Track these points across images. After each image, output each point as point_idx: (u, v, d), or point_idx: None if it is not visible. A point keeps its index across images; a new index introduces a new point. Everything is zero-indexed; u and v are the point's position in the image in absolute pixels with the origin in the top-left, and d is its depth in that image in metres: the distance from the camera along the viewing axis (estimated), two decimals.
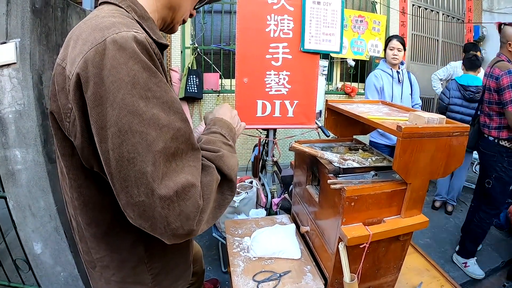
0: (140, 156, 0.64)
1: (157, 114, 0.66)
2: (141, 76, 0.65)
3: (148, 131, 0.64)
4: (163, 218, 0.65)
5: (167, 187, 0.64)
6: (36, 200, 1.84)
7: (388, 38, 3.10)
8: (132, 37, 0.66)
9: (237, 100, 2.40)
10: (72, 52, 0.68)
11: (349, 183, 1.20)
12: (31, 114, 1.74)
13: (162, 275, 0.95)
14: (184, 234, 0.69)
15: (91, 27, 0.69)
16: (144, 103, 0.64)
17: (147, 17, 0.81)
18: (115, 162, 0.64)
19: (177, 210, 0.66)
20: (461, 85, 3.48)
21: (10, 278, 2.19)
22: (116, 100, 0.63)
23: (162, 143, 0.65)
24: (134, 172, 0.64)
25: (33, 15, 1.71)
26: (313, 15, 2.29)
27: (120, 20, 0.71)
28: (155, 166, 0.64)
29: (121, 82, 0.63)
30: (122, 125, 0.63)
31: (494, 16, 6.21)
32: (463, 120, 3.49)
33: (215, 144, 0.86)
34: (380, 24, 5.35)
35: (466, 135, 1.18)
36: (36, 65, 1.75)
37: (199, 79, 4.32)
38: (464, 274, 2.77)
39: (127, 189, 0.65)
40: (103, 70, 0.63)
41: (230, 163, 0.83)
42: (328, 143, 1.70)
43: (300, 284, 1.38)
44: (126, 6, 0.78)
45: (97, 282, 0.96)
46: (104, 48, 0.64)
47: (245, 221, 1.90)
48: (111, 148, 0.64)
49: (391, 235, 1.24)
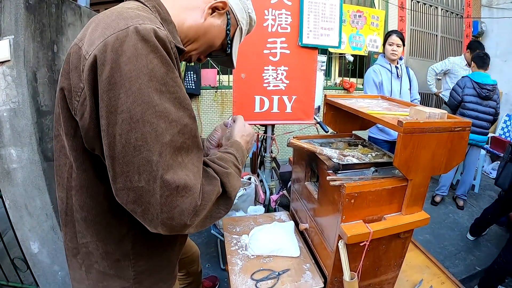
0: (147, 145, 0.66)
1: (169, 108, 0.68)
2: (159, 70, 0.67)
3: (158, 123, 0.66)
4: (159, 206, 0.67)
5: (171, 179, 0.66)
6: (32, 199, 1.82)
7: (388, 33, 3.07)
8: (153, 31, 0.68)
9: (234, 96, 2.39)
10: (92, 34, 0.70)
11: (348, 180, 1.18)
12: (26, 112, 1.71)
13: (144, 275, 0.94)
14: (173, 226, 0.70)
15: (116, 14, 0.71)
16: (158, 95, 0.67)
17: (169, 21, 0.84)
18: (121, 147, 0.66)
19: (174, 203, 0.67)
20: (477, 83, 3.45)
21: (8, 277, 2.19)
22: (132, 88, 0.65)
23: (169, 136, 0.68)
24: (139, 159, 0.66)
25: (27, 12, 1.68)
26: (312, 9, 2.26)
27: (145, 14, 0.74)
28: (161, 157, 0.66)
29: (139, 72, 0.65)
30: (135, 113, 0.65)
31: (493, 11, 6.19)
32: (478, 117, 3.51)
33: (227, 162, 0.89)
34: (379, 19, 5.33)
35: (468, 130, 1.16)
36: (31, 62, 1.72)
37: (196, 75, 4.30)
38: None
39: (128, 174, 0.67)
40: (122, 56, 0.65)
41: (234, 182, 0.86)
42: (327, 139, 1.68)
43: (299, 283, 1.37)
44: (151, 6, 0.82)
45: (76, 272, 0.94)
46: (126, 36, 0.66)
47: (243, 218, 1.89)
48: (119, 133, 0.65)
49: (392, 232, 1.22)
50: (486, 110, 3.50)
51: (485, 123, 3.55)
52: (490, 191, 4.42)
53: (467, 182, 3.89)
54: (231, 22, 0.97)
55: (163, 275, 1.01)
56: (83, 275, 0.92)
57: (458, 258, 2.95)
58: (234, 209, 2.35)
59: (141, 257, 0.91)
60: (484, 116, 3.51)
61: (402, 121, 1.06)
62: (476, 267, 2.82)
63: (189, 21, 0.89)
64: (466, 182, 3.89)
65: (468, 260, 2.92)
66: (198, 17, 0.90)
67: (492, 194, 4.31)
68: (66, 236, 0.92)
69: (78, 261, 0.92)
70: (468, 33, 6.25)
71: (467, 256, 2.99)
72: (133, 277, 0.92)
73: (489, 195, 4.32)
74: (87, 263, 0.91)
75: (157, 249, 0.95)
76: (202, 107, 4.73)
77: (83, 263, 0.91)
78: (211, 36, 0.95)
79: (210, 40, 0.96)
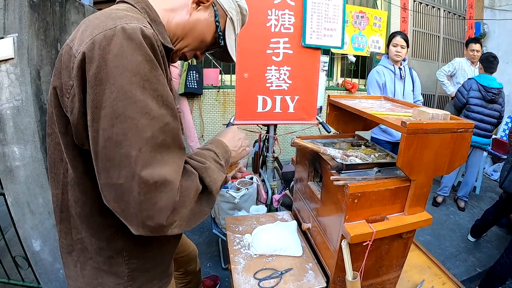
0: (127, 140, 0.67)
1: (151, 105, 0.70)
2: (143, 67, 0.69)
3: (139, 118, 0.68)
4: (137, 204, 0.68)
5: (148, 175, 0.67)
6: (35, 197, 1.83)
7: (392, 34, 3.06)
8: (140, 30, 0.70)
9: (237, 95, 2.39)
10: (82, 34, 0.72)
11: (352, 180, 1.18)
12: (29, 110, 1.72)
13: (138, 272, 0.95)
14: (152, 226, 0.70)
15: (105, 16, 0.73)
16: (140, 92, 0.68)
17: (158, 22, 0.86)
18: (103, 141, 0.67)
19: (153, 200, 0.68)
20: (483, 86, 3.43)
21: (9, 275, 2.19)
22: (116, 84, 0.66)
23: (150, 132, 0.69)
24: (120, 154, 0.67)
25: (31, 10, 1.68)
26: (315, 9, 2.26)
27: (133, 14, 0.76)
28: (140, 152, 0.67)
29: (123, 69, 0.67)
30: (117, 108, 0.66)
31: (495, 12, 6.18)
32: (483, 120, 3.49)
33: (205, 157, 0.89)
34: (381, 20, 5.32)
35: (470, 131, 1.16)
36: (34, 60, 1.72)
37: (199, 75, 4.29)
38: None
39: (109, 170, 0.68)
40: (109, 54, 0.67)
41: (214, 175, 0.85)
42: (330, 139, 1.68)
43: (302, 282, 1.37)
44: (140, 7, 0.84)
45: (71, 270, 0.94)
46: (113, 34, 0.68)
47: (245, 217, 1.89)
48: (102, 127, 0.67)
49: (395, 232, 1.23)
50: (491, 114, 3.49)
51: (489, 126, 3.54)
52: (491, 193, 4.42)
53: (469, 183, 3.89)
54: (219, 13, 0.97)
55: (157, 272, 1.01)
56: (78, 272, 0.93)
57: (459, 259, 2.95)
58: (236, 208, 2.35)
59: (134, 254, 0.92)
60: (488, 120, 3.51)
61: (405, 122, 1.06)
62: (477, 269, 2.82)
63: (176, 19, 0.91)
64: (468, 184, 3.89)
65: (468, 261, 2.92)
66: (183, 14, 0.92)
67: (493, 195, 4.31)
68: (61, 233, 0.93)
69: (73, 258, 0.92)
70: (471, 34, 6.24)
71: (467, 257, 2.99)
72: (127, 274, 0.92)
73: (490, 196, 4.32)
74: (82, 259, 0.91)
75: (150, 247, 0.95)
76: (204, 107, 4.73)
77: (78, 259, 0.92)
78: (199, 30, 0.95)
79: (199, 35, 0.96)
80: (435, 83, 5.94)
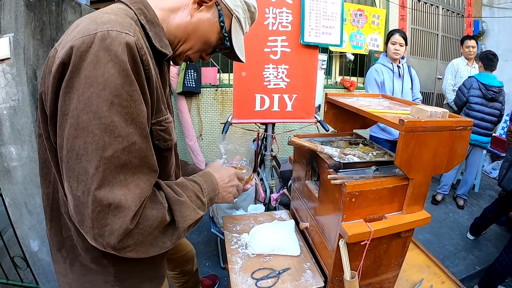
0: (87, 155, 0.65)
1: (117, 122, 0.66)
2: (115, 80, 0.65)
3: (102, 135, 0.65)
4: (91, 220, 0.66)
5: (103, 195, 0.65)
6: (32, 197, 1.82)
7: (390, 32, 3.05)
8: (122, 38, 0.67)
9: (235, 94, 2.38)
10: (67, 37, 0.70)
11: (350, 179, 1.18)
12: (26, 110, 1.71)
13: (126, 273, 0.94)
14: (103, 244, 0.69)
15: (90, 19, 0.70)
16: (107, 107, 0.65)
17: (156, 23, 0.81)
18: (66, 151, 0.67)
19: (104, 221, 0.66)
20: (483, 84, 3.42)
21: (8, 275, 2.19)
22: (84, 95, 0.64)
23: (111, 151, 0.66)
24: (79, 167, 0.65)
25: (27, 9, 1.67)
26: (313, 7, 2.25)
27: (119, 19, 0.71)
28: (97, 171, 0.65)
29: (94, 80, 0.64)
30: (81, 120, 0.64)
31: (494, 10, 6.17)
32: (484, 119, 3.48)
33: (185, 189, 0.86)
34: (380, 18, 5.31)
35: (469, 129, 1.16)
36: (30, 60, 1.71)
37: (197, 74, 4.28)
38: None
39: (70, 180, 0.67)
40: (84, 61, 0.64)
41: (185, 212, 0.82)
42: (327, 138, 1.67)
43: (300, 282, 1.37)
44: (136, 8, 0.79)
45: (61, 266, 0.94)
46: (91, 41, 0.65)
47: (243, 217, 1.88)
48: (66, 137, 0.66)
49: (393, 231, 1.22)
50: (491, 112, 3.48)
51: (490, 124, 3.53)
52: (490, 191, 4.42)
53: (469, 182, 3.89)
54: (223, 13, 0.91)
55: (147, 275, 1.00)
56: (68, 268, 0.93)
57: (458, 258, 2.95)
58: (234, 207, 2.35)
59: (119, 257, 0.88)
60: (489, 118, 3.50)
61: (403, 120, 1.05)
62: (476, 267, 2.82)
63: (176, 21, 0.86)
64: (467, 182, 3.89)
65: (468, 260, 2.93)
66: (184, 15, 0.87)
67: (492, 193, 4.31)
68: (51, 230, 0.93)
69: (63, 255, 0.92)
70: (469, 32, 6.23)
71: (467, 255, 2.99)
72: (113, 275, 0.91)
73: (489, 194, 4.32)
74: (72, 256, 0.91)
75: None
76: (202, 106, 4.72)
77: (68, 256, 0.91)
78: (202, 32, 0.90)
79: (202, 36, 0.91)
80: (433, 81, 5.95)
